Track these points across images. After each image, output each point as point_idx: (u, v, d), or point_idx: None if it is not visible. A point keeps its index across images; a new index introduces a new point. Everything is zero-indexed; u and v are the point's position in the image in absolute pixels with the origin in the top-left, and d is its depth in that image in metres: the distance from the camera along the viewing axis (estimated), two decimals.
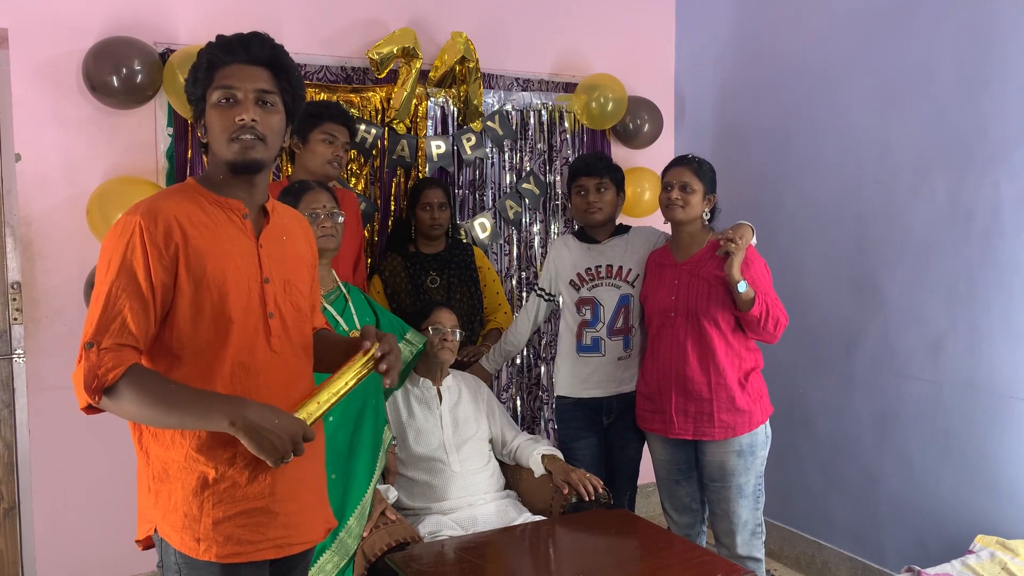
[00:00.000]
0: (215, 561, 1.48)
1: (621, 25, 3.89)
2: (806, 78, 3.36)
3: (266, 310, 1.56)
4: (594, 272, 2.83)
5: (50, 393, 2.90)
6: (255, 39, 1.56)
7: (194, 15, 3.04)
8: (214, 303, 1.49)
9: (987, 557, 2.49)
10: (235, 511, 1.50)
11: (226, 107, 1.52)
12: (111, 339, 1.41)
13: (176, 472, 1.49)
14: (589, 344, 2.82)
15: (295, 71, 1.60)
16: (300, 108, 1.65)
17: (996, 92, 2.66)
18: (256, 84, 1.53)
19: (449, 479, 2.60)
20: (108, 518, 2.97)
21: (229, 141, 1.52)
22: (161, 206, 1.49)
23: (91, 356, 1.40)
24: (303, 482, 1.61)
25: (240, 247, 1.55)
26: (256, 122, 1.52)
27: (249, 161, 1.53)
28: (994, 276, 2.68)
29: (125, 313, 1.42)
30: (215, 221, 1.53)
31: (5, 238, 2.88)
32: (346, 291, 2.43)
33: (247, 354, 1.53)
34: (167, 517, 1.51)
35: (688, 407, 2.61)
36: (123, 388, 1.40)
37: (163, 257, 1.45)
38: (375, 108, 3.32)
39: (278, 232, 1.63)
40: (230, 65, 1.53)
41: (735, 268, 2.45)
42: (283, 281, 1.60)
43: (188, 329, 1.48)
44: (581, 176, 2.81)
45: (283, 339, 1.58)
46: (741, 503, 2.62)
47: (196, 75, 1.55)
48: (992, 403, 2.70)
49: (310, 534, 1.62)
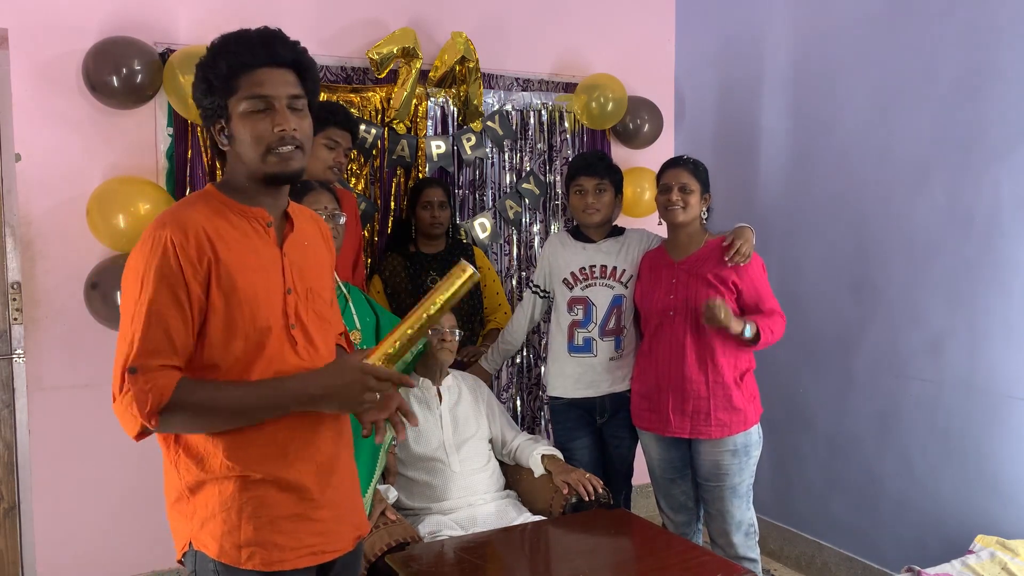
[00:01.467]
0: (256, 569, 1.45)
1: (621, 25, 3.89)
2: (806, 78, 3.36)
3: (288, 322, 1.50)
4: (588, 272, 2.82)
5: (50, 393, 2.90)
6: (276, 39, 1.47)
7: (194, 15, 3.04)
8: (245, 317, 1.44)
9: (987, 557, 2.49)
10: (273, 515, 1.47)
11: (260, 116, 1.44)
12: (156, 360, 1.36)
13: (211, 482, 1.46)
14: (581, 344, 2.81)
15: (315, 69, 1.54)
16: (316, 103, 1.57)
17: (996, 92, 2.66)
18: (287, 89, 1.45)
19: (449, 479, 2.60)
20: (108, 518, 2.97)
21: (267, 153, 1.44)
22: (190, 219, 1.42)
23: (138, 381, 1.34)
24: (338, 487, 1.57)
25: (266, 259, 1.49)
26: (296, 130, 1.45)
27: (291, 173, 1.47)
28: (994, 276, 2.68)
29: (169, 333, 1.37)
30: (242, 233, 1.47)
31: (5, 238, 2.88)
32: (346, 291, 2.43)
33: (280, 362, 1.48)
34: (205, 526, 1.46)
35: (685, 406, 2.61)
36: (177, 404, 1.36)
37: (197, 272, 1.40)
38: (375, 108, 3.32)
39: (300, 238, 1.57)
40: (257, 69, 1.44)
41: (733, 323, 2.45)
42: (305, 290, 1.55)
43: (220, 344, 1.43)
44: (580, 175, 2.81)
45: (308, 348, 1.53)
46: (735, 503, 2.62)
47: (212, 82, 1.45)
48: (992, 403, 2.70)
49: (342, 541, 1.58)
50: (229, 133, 1.47)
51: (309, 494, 1.50)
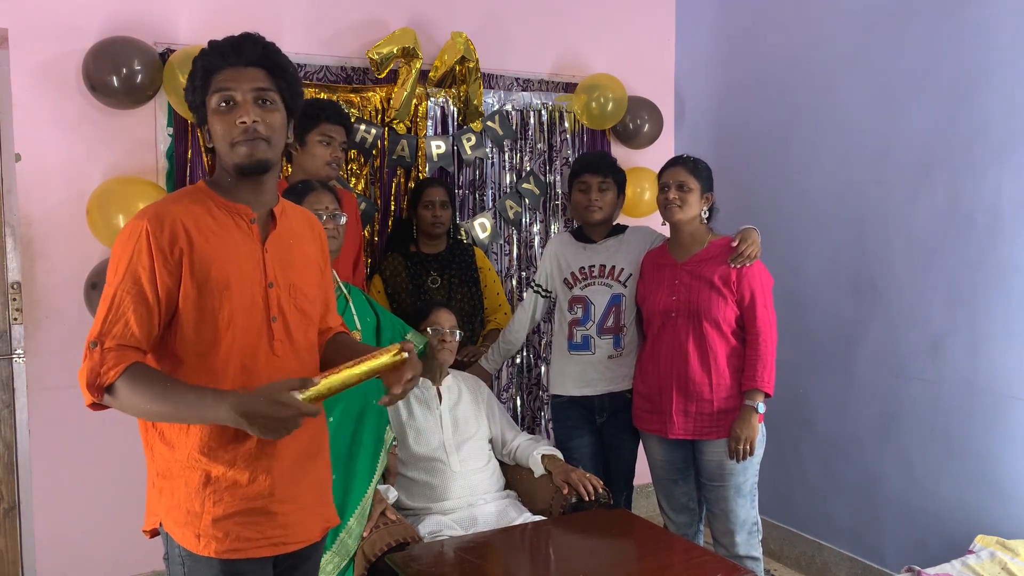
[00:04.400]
0: (214, 556, 1.52)
1: (621, 25, 3.89)
2: (806, 78, 3.36)
3: (269, 314, 1.58)
4: (587, 271, 2.84)
5: (50, 393, 2.90)
6: (246, 40, 1.57)
7: (194, 15, 3.04)
8: (217, 307, 1.52)
9: (987, 557, 2.49)
10: (234, 510, 1.54)
11: (226, 111, 1.53)
12: (114, 340, 1.45)
13: (179, 470, 1.54)
14: (579, 342, 2.83)
15: (290, 67, 1.61)
16: (299, 105, 1.66)
17: (996, 92, 2.66)
18: (252, 84, 1.54)
19: (449, 479, 2.60)
20: (108, 518, 2.97)
21: (233, 145, 1.53)
22: (169, 211, 1.52)
23: (94, 355, 1.44)
24: (302, 483, 1.63)
25: (245, 252, 1.57)
26: (257, 122, 1.53)
27: (255, 162, 1.55)
28: (994, 276, 2.68)
29: (128, 315, 1.46)
30: (222, 226, 1.55)
31: (5, 238, 2.88)
32: (347, 291, 2.43)
33: (249, 357, 1.55)
34: (170, 513, 1.55)
35: (689, 407, 2.61)
36: (123, 386, 1.43)
37: (168, 261, 1.48)
38: (375, 108, 3.32)
39: (285, 236, 1.64)
40: (225, 69, 1.54)
41: (755, 432, 2.55)
42: (288, 285, 1.62)
43: (191, 332, 1.51)
44: (585, 173, 2.83)
45: (285, 343, 1.60)
46: (739, 502, 2.62)
47: (194, 83, 1.57)
48: (992, 403, 2.70)
49: (307, 534, 1.65)
50: (209, 130, 1.58)
51: (274, 490, 1.57)
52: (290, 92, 1.61)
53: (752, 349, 2.56)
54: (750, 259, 2.55)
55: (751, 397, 2.54)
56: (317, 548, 1.74)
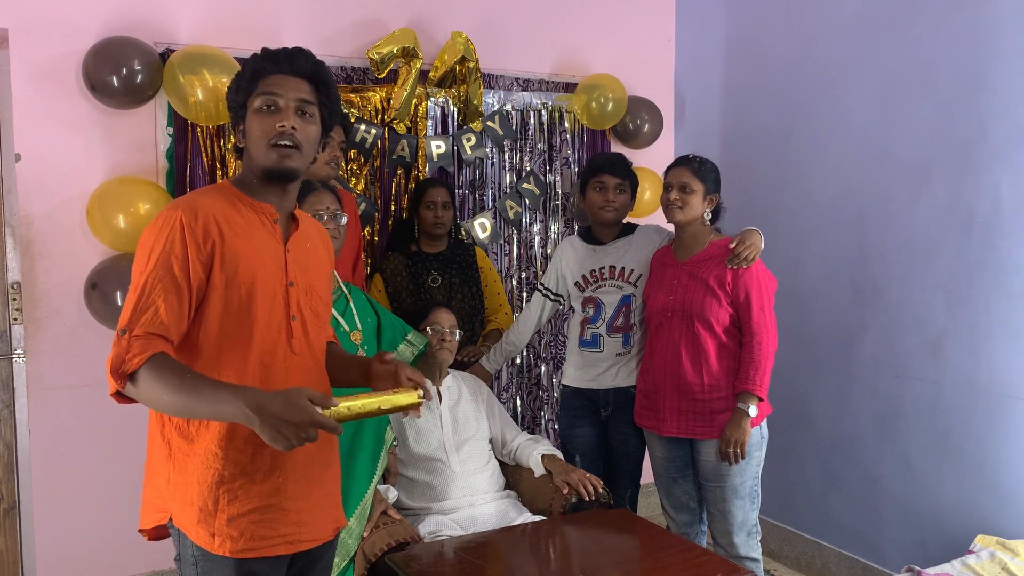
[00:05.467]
0: (229, 556, 1.53)
1: (621, 25, 3.89)
2: (806, 78, 3.36)
3: (289, 312, 1.61)
4: (598, 274, 2.88)
5: (50, 393, 2.90)
6: (299, 53, 1.62)
7: (194, 15, 3.04)
8: (242, 302, 1.54)
9: (987, 557, 2.49)
10: (249, 507, 1.54)
11: (267, 114, 1.58)
12: (142, 328, 1.45)
13: (195, 467, 1.54)
14: (589, 339, 2.89)
15: (334, 86, 1.67)
16: (335, 122, 1.71)
17: (996, 92, 2.66)
18: (298, 93, 1.59)
19: (449, 479, 2.60)
20: (108, 518, 2.96)
21: (268, 147, 1.57)
22: (201, 203, 1.54)
23: (122, 342, 1.44)
24: (314, 482, 1.65)
25: (270, 250, 1.60)
26: (296, 130, 1.57)
27: (285, 169, 1.58)
28: (994, 276, 2.68)
29: (159, 303, 1.46)
30: (249, 223, 1.59)
31: (5, 238, 2.88)
32: (347, 291, 2.43)
33: (268, 354, 1.58)
34: (184, 510, 1.55)
35: (682, 406, 2.62)
36: (145, 374, 1.42)
37: (201, 252, 1.50)
38: (375, 108, 3.32)
39: (304, 239, 1.69)
40: (274, 75, 1.59)
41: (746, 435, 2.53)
42: (306, 286, 1.65)
43: (215, 326, 1.53)
44: (604, 173, 2.86)
45: (303, 341, 1.63)
46: (736, 503, 2.62)
47: (239, 83, 1.62)
48: (992, 403, 2.70)
49: (320, 532, 1.67)
50: (244, 130, 1.62)
51: (287, 488, 1.58)
52: (329, 110, 1.66)
53: (747, 352, 2.55)
54: (747, 261, 2.54)
55: (743, 400, 2.54)
56: (330, 547, 1.75)
